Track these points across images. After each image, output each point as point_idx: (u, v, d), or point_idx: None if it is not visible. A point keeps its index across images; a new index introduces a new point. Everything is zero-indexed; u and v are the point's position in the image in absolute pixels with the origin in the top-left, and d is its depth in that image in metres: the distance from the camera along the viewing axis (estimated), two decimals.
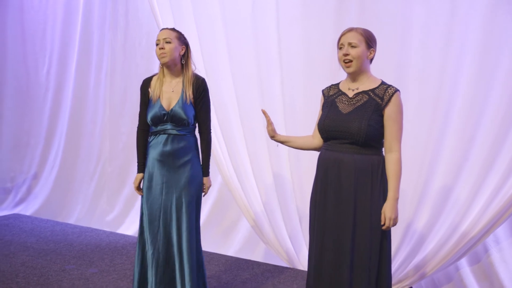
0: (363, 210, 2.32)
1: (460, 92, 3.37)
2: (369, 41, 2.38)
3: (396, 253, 3.59)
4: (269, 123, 2.63)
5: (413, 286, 3.63)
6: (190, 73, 2.86)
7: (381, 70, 3.52)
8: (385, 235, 2.35)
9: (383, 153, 2.41)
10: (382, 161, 2.37)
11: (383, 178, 2.35)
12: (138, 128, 2.92)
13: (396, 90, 2.33)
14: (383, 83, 2.40)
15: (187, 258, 2.80)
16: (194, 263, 2.85)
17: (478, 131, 3.32)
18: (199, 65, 4.16)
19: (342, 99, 2.43)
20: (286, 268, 3.96)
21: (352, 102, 2.39)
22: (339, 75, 3.76)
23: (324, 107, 2.51)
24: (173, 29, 2.85)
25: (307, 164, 3.97)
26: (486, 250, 3.49)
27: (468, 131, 3.35)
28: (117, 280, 3.58)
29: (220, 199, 4.56)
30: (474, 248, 3.42)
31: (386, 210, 2.31)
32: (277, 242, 4.07)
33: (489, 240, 3.45)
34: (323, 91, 2.60)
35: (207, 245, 4.40)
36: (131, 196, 5.10)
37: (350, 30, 2.41)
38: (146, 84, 2.90)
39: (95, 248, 4.35)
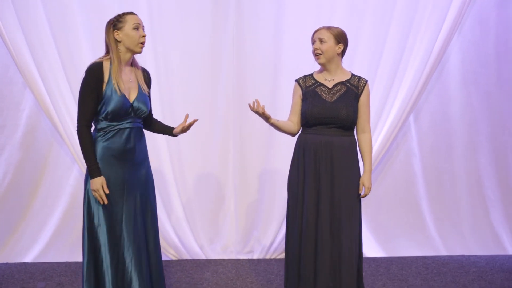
0: (348, 181, 2.78)
1: None
2: (338, 37, 2.79)
3: (281, 227, 4.10)
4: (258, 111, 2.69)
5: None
6: (137, 62, 2.68)
7: (260, 68, 4.03)
8: (360, 200, 2.86)
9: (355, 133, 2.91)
10: (355, 140, 2.87)
11: (357, 154, 2.87)
12: (82, 125, 2.46)
13: (367, 81, 2.86)
14: (353, 74, 2.88)
15: (157, 259, 2.68)
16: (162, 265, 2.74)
17: None
18: (56, 62, 3.76)
19: (322, 89, 2.82)
20: (181, 260, 3.98)
21: (332, 92, 2.80)
22: (217, 69, 4.03)
23: (306, 96, 2.82)
24: None
25: (188, 156, 4.08)
26: None
27: None
28: None
29: (74, 201, 4.08)
30: None
31: (365, 181, 2.82)
32: (161, 237, 4.00)
33: None
34: (298, 81, 2.90)
35: (59, 255, 4.00)
36: None
37: (322, 28, 2.82)
38: (99, 71, 2.46)
39: None
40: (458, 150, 4.41)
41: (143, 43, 2.54)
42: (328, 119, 2.76)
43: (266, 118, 2.72)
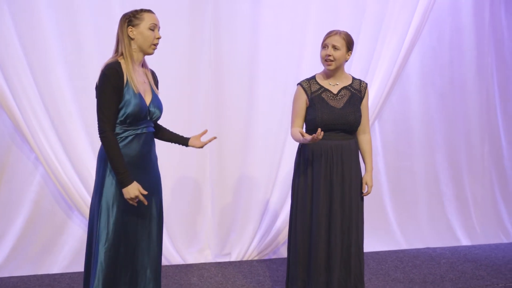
0: (355, 181, 2.85)
1: None
2: (349, 45, 2.83)
3: (258, 228, 4.09)
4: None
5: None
6: (146, 62, 2.54)
7: (238, 70, 4.03)
8: (363, 198, 2.94)
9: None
10: (357, 141, 2.93)
11: (359, 155, 2.94)
12: (108, 130, 2.26)
13: (367, 84, 2.93)
14: (353, 77, 2.93)
15: (157, 267, 2.55)
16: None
17: None
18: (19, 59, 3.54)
19: (328, 95, 2.83)
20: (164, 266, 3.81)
21: (338, 97, 2.83)
22: (194, 71, 3.94)
23: (314, 102, 2.81)
24: None
25: (165, 158, 3.91)
26: None
27: None
28: None
29: (38, 209, 3.76)
30: None
31: (368, 180, 2.90)
32: None
33: None
34: (302, 85, 2.87)
35: (21, 268, 3.68)
36: None
37: (336, 33, 2.80)
38: (120, 70, 2.28)
39: None
40: (417, 148, 4.66)
41: (156, 45, 2.40)
42: (338, 125, 2.79)
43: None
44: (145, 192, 2.32)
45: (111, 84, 2.24)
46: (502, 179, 4.94)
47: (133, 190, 2.28)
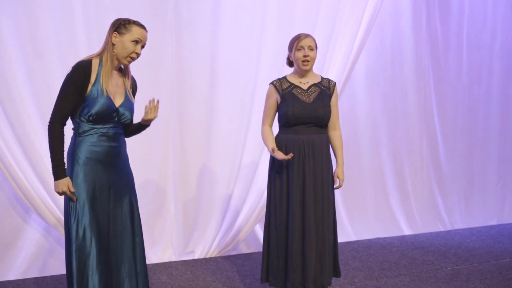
0: (326, 174, 3.00)
1: (261, 89, 4.24)
2: (317, 45, 3.02)
3: (221, 226, 4.16)
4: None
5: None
6: (129, 70, 2.58)
7: (198, 65, 4.09)
8: (333, 191, 3.09)
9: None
10: (328, 136, 3.09)
11: (330, 149, 3.10)
12: (56, 121, 2.30)
13: (335, 83, 3.11)
14: (322, 77, 3.10)
15: (143, 265, 2.58)
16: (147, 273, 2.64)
17: None
18: None
19: (298, 91, 2.99)
20: None
21: (308, 93, 2.99)
22: (156, 70, 3.95)
23: (285, 98, 2.96)
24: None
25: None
26: None
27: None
28: None
29: None
30: None
31: (340, 174, 3.06)
32: None
33: None
34: (274, 84, 3.01)
35: None
36: None
37: (307, 35, 2.98)
38: (87, 70, 2.33)
39: None
40: (364, 145, 4.95)
41: (132, 58, 2.44)
42: (308, 119, 2.93)
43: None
44: (73, 190, 2.33)
45: (73, 81, 2.30)
46: (438, 173, 5.34)
47: (62, 185, 2.30)
